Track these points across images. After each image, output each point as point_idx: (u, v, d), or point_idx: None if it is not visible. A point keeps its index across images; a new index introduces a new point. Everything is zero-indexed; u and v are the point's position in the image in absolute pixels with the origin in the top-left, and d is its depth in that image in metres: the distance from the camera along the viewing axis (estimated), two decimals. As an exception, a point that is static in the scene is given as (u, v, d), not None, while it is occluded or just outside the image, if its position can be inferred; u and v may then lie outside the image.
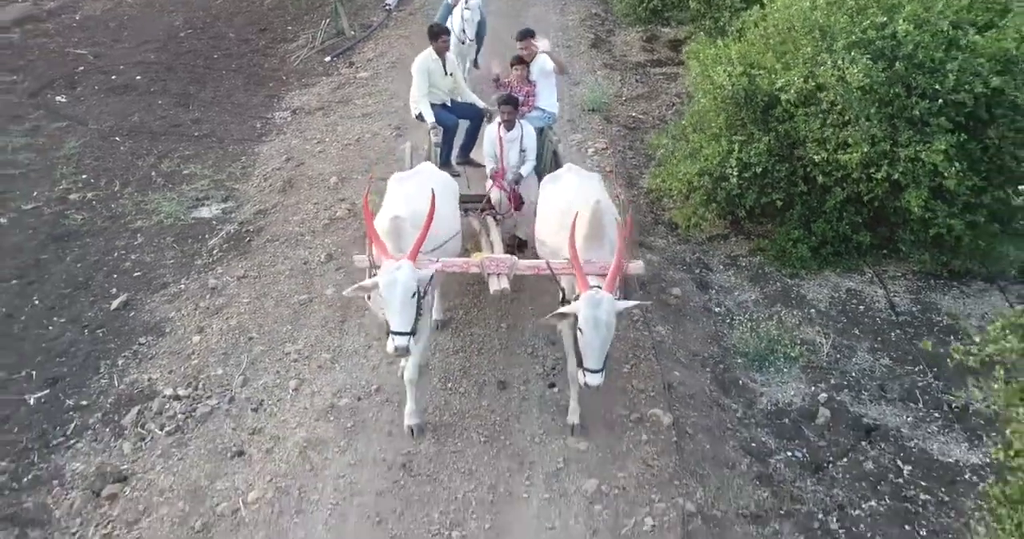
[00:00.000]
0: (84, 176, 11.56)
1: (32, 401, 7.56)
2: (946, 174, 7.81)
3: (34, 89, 14.49)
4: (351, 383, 7.13)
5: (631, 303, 5.89)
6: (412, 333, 5.70)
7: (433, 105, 8.78)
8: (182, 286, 9.04)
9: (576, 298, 5.72)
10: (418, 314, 5.80)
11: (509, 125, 7.88)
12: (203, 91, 14.50)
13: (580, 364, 5.73)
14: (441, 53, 8.74)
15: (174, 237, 10.04)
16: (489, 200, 7.98)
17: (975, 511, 6.08)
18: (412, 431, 6.55)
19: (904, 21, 7.85)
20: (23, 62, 15.66)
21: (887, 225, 9.10)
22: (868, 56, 7.89)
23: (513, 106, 7.89)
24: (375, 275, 5.84)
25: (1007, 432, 4.78)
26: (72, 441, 7.06)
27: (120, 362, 7.97)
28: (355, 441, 6.49)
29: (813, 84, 8.24)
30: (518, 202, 7.93)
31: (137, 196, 11.00)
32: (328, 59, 15.61)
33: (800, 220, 9.15)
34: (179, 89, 14.56)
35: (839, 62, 7.89)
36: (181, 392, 7.26)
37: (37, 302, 8.96)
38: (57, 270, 9.48)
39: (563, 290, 6.19)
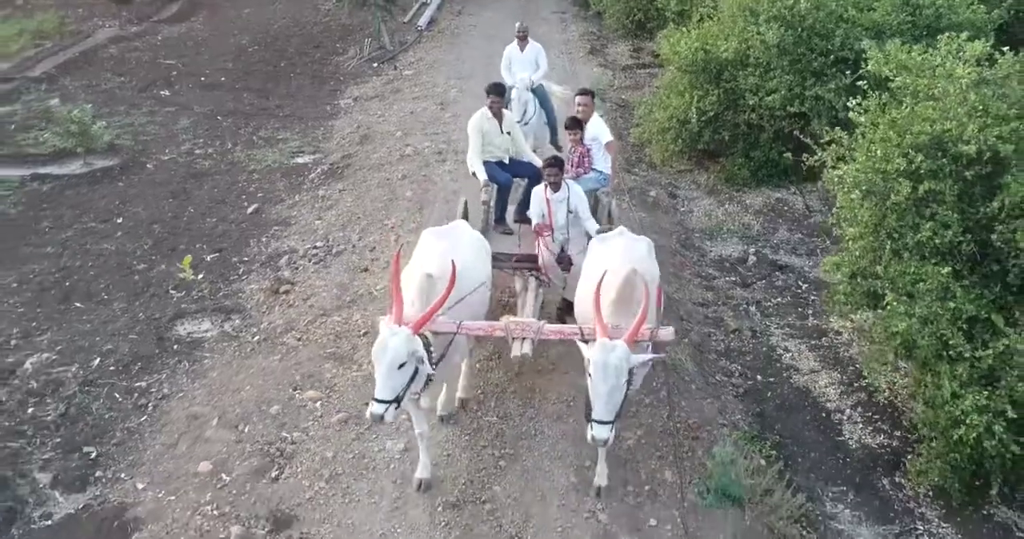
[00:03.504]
0: (201, 140, 15.10)
1: (209, 258, 10.97)
2: (837, 106, 11.38)
3: (141, 86, 18.08)
4: (432, 238, 10.58)
5: (647, 356, 5.75)
6: (394, 402, 5.49)
7: (488, 162, 8.78)
8: (297, 199, 12.54)
9: None
10: (409, 381, 5.63)
11: (555, 187, 7.79)
12: (278, 87, 18.13)
13: (588, 416, 5.56)
14: (496, 113, 8.75)
15: (282, 174, 13.57)
16: (535, 260, 7.97)
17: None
18: (420, 484, 6.60)
19: (805, 1, 11.53)
20: (125, 69, 19.27)
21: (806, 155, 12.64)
22: (780, 26, 11.56)
23: (559, 168, 7.80)
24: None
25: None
26: (244, 277, 10.48)
27: (264, 239, 11.40)
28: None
29: (745, 46, 11.89)
30: (567, 263, 7.83)
31: (246, 151, 14.53)
32: (375, 65, 19.29)
33: (742, 151, 12.71)
34: (258, 86, 18.20)
35: (760, 29, 11.57)
36: (318, 244, 10.74)
37: (191, 210, 12.42)
38: (200, 193, 12.97)
39: None
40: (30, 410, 8.05)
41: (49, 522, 6.71)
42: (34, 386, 8.40)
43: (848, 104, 8.14)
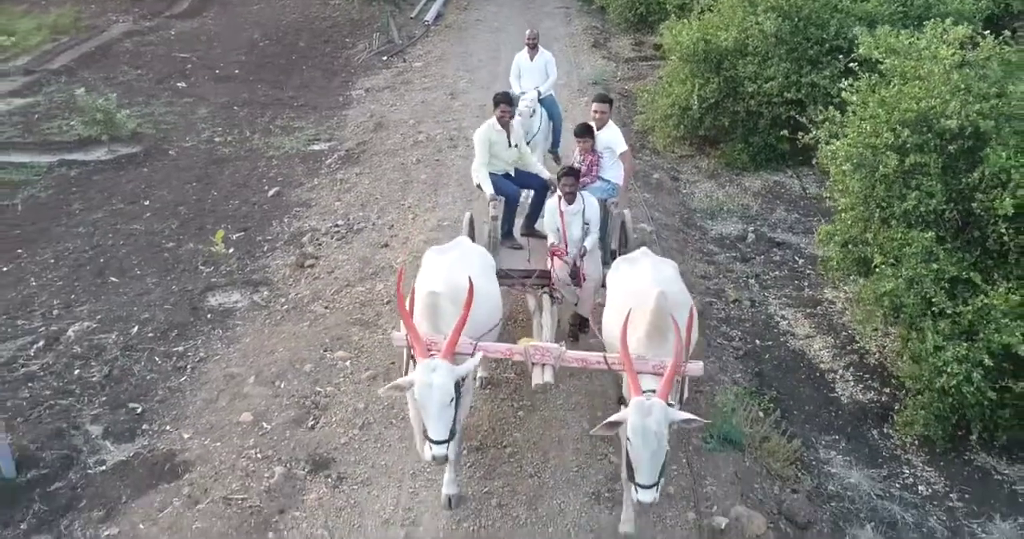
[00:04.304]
0: (219, 128, 15.67)
1: (234, 237, 11.53)
2: (832, 92, 11.95)
3: (158, 79, 18.64)
4: (447, 216, 11.11)
5: (688, 416, 5.26)
6: (451, 438, 5.38)
7: (494, 175, 8.36)
8: (315, 182, 13.11)
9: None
10: (456, 411, 5.47)
11: (570, 198, 7.46)
12: (291, 79, 18.69)
13: (631, 478, 5.25)
14: (505, 124, 8.28)
15: (300, 159, 14.14)
16: (546, 275, 7.63)
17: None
18: (450, 501, 6.35)
19: (801, -7, 12.16)
20: (141, 62, 19.82)
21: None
22: (778, 16, 12.14)
23: (575, 178, 7.53)
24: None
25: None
26: (269, 253, 11.03)
27: (286, 219, 11.98)
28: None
29: (744, 36, 12.48)
30: (580, 278, 7.47)
31: (264, 139, 15.10)
32: (384, 58, 19.83)
33: (742, 137, 13.29)
34: (271, 78, 18.76)
35: (759, 19, 12.16)
36: (339, 223, 11.32)
37: (215, 193, 12.99)
38: (222, 178, 13.54)
39: (619, 387, 5.90)
40: (76, 372, 8.61)
41: (103, 467, 7.27)
42: (78, 351, 8.96)
43: (841, 87, 8.73)
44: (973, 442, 7.45)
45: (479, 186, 8.44)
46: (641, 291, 5.89)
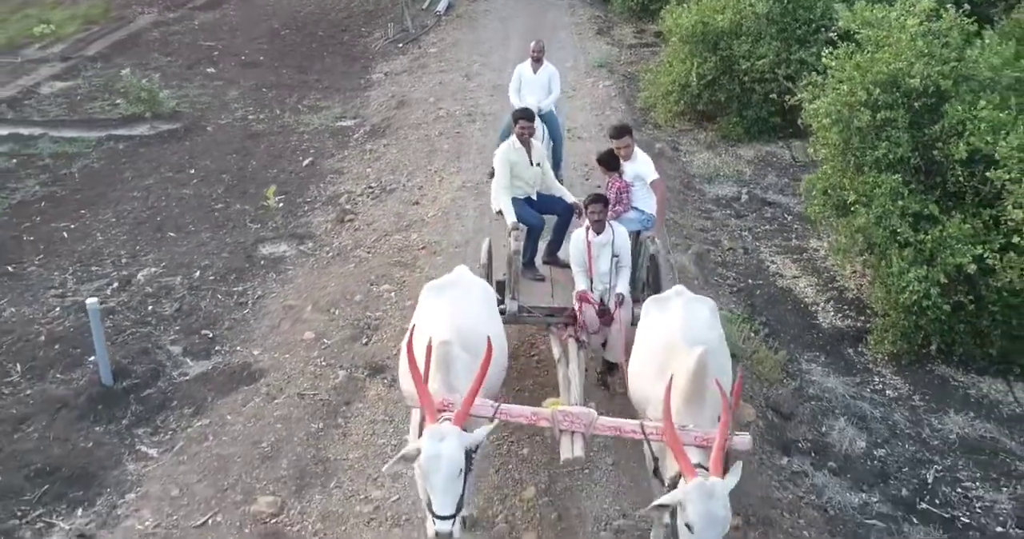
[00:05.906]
0: (251, 108, 16.85)
1: (277, 199, 12.72)
2: (819, 68, 13.16)
3: (188, 64, 19.79)
4: (470, 179, 12.30)
5: (735, 480, 4.65)
6: (458, 512, 4.73)
7: (515, 200, 7.83)
8: (346, 153, 14.32)
9: (675, 478, 4.74)
10: (465, 483, 4.83)
11: (599, 228, 6.91)
12: (314, 65, 19.87)
13: None
14: (525, 142, 7.90)
15: (329, 134, 15.34)
16: (570, 312, 7.11)
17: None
18: None
19: (789, -22, 13.39)
20: (170, 49, 20.96)
21: (793, 114, 14.44)
22: (769, -1, 13.41)
23: (603, 205, 6.97)
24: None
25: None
26: (310, 212, 12.24)
27: (322, 184, 13.18)
28: (479, 199, 11.63)
29: (738, 17, 13.71)
30: (608, 318, 6.95)
31: (294, 117, 16.28)
32: (400, 45, 21.01)
33: (737, 111, 14.51)
34: (295, 63, 19.93)
35: (752, 1, 13.39)
36: (372, 185, 12.53)
37: (254, 163, 14.19)
38: (259, 150, 14.73)
39: (655, 459, 5.28)
40: (150, 307, 9.82)
41: (187, 377, 8.50)
42: (149, 291, 10.16)
43: (823, 55, 9.96)
44: (934, 354, 8.68)
45: (499, 212, 7.84)
46: (676, 347, 5.33)
